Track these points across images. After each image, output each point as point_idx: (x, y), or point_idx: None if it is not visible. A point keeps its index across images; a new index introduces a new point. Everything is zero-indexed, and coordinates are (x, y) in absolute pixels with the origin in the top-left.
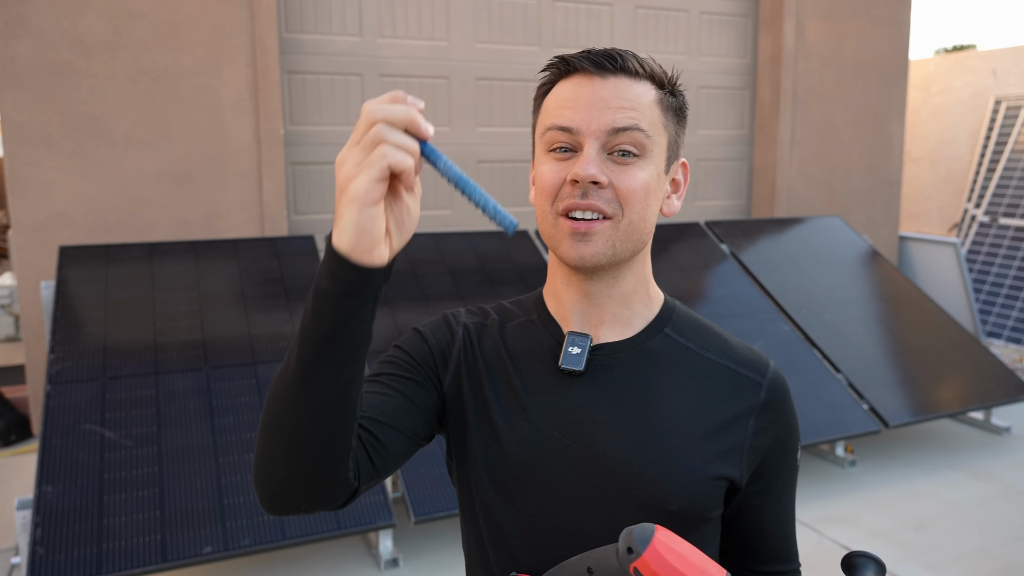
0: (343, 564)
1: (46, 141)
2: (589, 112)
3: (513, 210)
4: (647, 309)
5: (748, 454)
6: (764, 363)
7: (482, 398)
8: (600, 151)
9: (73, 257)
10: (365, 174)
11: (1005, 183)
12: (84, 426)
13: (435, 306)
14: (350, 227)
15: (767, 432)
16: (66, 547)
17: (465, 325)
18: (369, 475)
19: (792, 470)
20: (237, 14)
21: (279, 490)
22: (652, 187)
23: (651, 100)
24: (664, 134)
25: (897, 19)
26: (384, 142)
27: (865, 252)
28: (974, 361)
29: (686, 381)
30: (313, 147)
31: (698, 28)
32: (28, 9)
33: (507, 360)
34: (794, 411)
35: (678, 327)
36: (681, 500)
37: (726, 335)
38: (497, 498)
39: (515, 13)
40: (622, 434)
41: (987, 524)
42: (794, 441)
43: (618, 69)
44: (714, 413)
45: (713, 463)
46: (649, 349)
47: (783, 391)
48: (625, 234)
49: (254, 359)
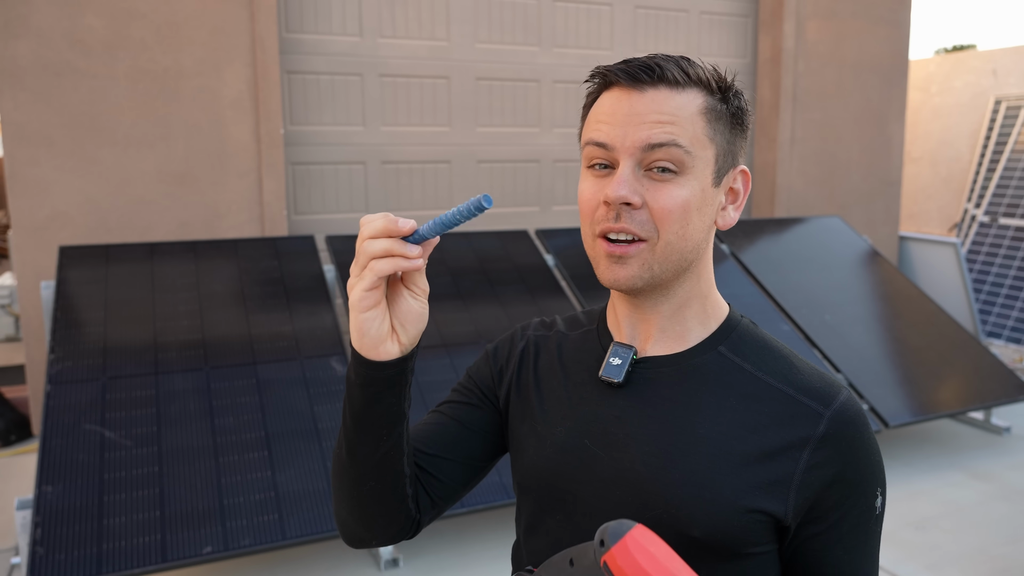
0: (343, 564)
1: (46, 141)
2: (624, 128)
3: (514, 210)
4: (703, 325)
5: (797, 490)
6: (832, 392)
7: (529, 408)
8: (636, 168)
9: (73, 257)
10: (358, 285)
11: (1005, 183)
12: (84, 426)
13: (435, 306)
14: (354, 330)
15: (825, 468)
16: (66, 547)
17: (528, 338)
18: (429, 506)
19: (865, 517)
20: (237, 14)
21: (350, 531)
22: (694, 204)
23: (694, 111)
24: (710, 146)
25: (897, 19)
26: (370, 255)
27: (865, 252)
28: (974, 361)
29: (734, 403)
30: (313, 147)
31: (698, 28)
32: (28, 9)
33: (559, 369)
34: (872, 450)
35: (736, 346)
36: (706, 527)
37: (795, 359)
38: (528, 500)
39: (515, 13)
40: (653, 450)
41: (987, 524)
42: (867, 483)
43: (656, 79)
44: (759, 440)
45: (750, 493)
46: (697, 366)
47: (854, 425)
48: (663, 255)
49: (254, 359)
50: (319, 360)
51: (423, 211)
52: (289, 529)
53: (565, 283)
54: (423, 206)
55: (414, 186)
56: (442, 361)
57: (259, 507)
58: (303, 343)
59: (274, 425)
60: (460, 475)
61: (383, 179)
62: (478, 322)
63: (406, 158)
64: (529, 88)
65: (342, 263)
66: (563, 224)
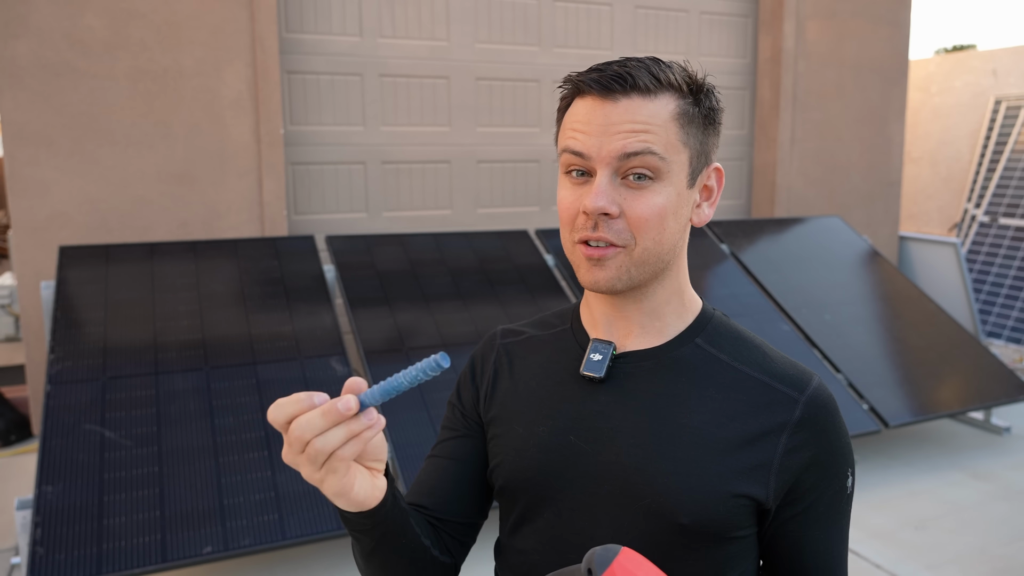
0: (343, 564)
1: (46, 141)
2: (600, 138)
3: (514, 210)
4: (680, 319)
5: (777, 473)
6: (805, 379)
7: (507, 413)
8: (612, 177)
9: (73, 257)
10: (329, 479)
11: (1005, 183)
12: (84, 426)
13: (435, 306)
14: (341, 501)
15: (802, 451)
16: (66, 547)
17: (497, 347)
18: (459, 546)
19: (838, 497)
20: (237, 14)
21: None
22: (670, 209)
23: (668, 117)
24: (684, 150)
25: (897, 19)
26: (329, 450)
27: (865, 252)
28: (974, 361)
29: (713, 393)
30: (313, 147)
31: (698, 28)
32: (28, 9)
33: (536, 371)
34: (842, 433)
35: (712, 338)
36: (693, 514)
37: (767, 349)
38: (512, 503)
39: (515, 13)
40: (637, 442)
41: (987, 524)
42: (840, 465)
43: (628, 88)
44: (739, 427)
45: (734, 479)
46: (676, 359)
47: (826, 409)
48: (640, 260)
49: (254, 359)
50: (319, 360)
51: (423, 211)
52: (289, 529)
53: (565, 283)
54: (423, 206)
55: (414, 186)
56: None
57: (259, 507)
58: (303, 343)
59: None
60: (474, 506)
61: (383, 179)
62: (478, 322)
63: (406, 158)
64: (529, 88)
65: (342, 263)
66: None
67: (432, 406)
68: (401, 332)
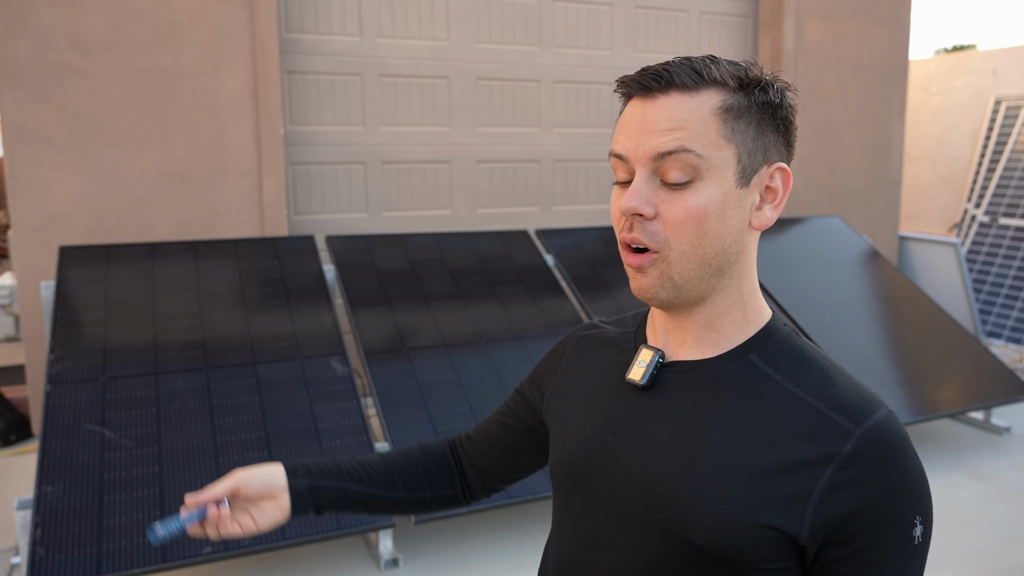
0: (343, 564)
1: (46, 141)
2: (636, 138)
3: (514, 210)
4: (739, 332)
5: (815, 508)
6: (868, 411)
7: (567, 403)
8: (651, 177)
9: (73, 257)
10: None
11: (1005, 183)
12: (84, 426)
13: (435, 306)
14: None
15: (851, 489)
16: (66, 547)
17: (577, 338)
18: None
19: (899, 547)
20: (237, 14)
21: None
22: (712, 211)
23: (707, 113)
24: (729, 146)
25: (897, 19)
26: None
27: (865, 252)
28: (974, 361)
29: (756, 414)
30: (313, 147)
31: (698, 28)
32: (28, 9)
33: (598, 368)
34: (910, 474)
35: (770, 355)
36: (710, 536)
37: (834, 373)
38: (556, 493)
39: (515, 13)
40: (667, 453)
41: (987, 524)
42: (903, 510)
43: (666, 85)
44: (779, 453)
45: (762, 507)
46: (723, 373)
47: (888, 446)
48: (679, 265)
49: (254, 359)
50: (319, 360)
51: (423, 211)
52: (289, 529)
53: (565, 283)
54: (423, 206)
55: (414, 186)
56: (442, 361)
57: None
58: (303, 343)
59: (274, 425)
60: (503, 451)
61: (383, 179)
62: (478, 322)
63: (406, 158)
64: (529, 88)
65: (342, 263)
66: (563, 224)
67: (432, 406)
68: (401, 332)
